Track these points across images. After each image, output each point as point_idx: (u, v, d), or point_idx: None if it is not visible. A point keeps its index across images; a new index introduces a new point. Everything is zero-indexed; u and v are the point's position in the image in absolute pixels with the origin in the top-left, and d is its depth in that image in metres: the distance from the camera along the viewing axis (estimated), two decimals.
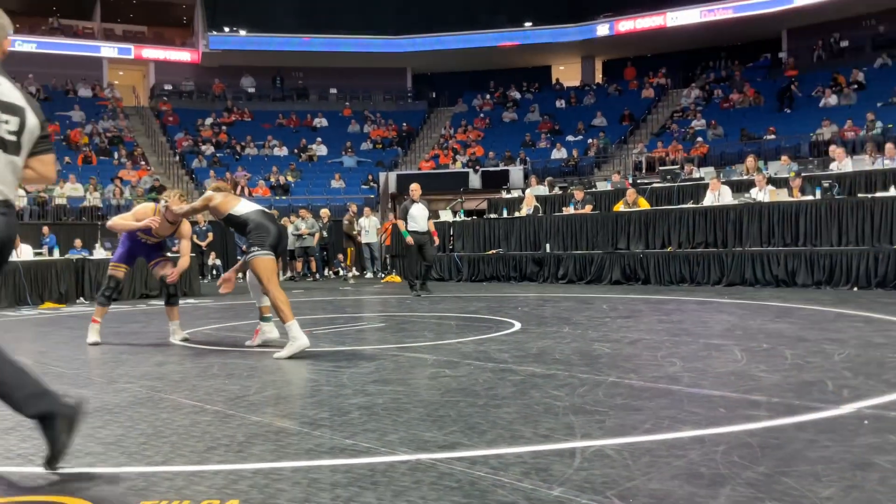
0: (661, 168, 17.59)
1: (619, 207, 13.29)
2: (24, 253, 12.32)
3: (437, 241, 11.79)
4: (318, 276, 17.21)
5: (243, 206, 5.79)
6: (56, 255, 13.27)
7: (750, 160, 14.39)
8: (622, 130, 25.26)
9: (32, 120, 2.76)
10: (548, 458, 2.73)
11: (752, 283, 10.86)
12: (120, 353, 5.92)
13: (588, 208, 13.75)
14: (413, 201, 11.14)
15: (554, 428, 3.16)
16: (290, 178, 23.33)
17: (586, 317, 7.53)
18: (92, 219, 17.75)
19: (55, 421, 2.61)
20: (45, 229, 15.50)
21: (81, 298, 12.01)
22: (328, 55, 30.09)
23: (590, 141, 24.28)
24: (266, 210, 5.96)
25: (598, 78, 31.19)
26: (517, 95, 29.37)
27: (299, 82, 30.88)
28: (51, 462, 2.63)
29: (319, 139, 26.72)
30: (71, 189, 18.85)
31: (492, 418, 3.36)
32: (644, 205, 13.11)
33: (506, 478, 2.51)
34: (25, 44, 27.99)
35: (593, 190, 15.66)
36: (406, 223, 10.99)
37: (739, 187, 12.65)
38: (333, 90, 30.40)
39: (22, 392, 2.62)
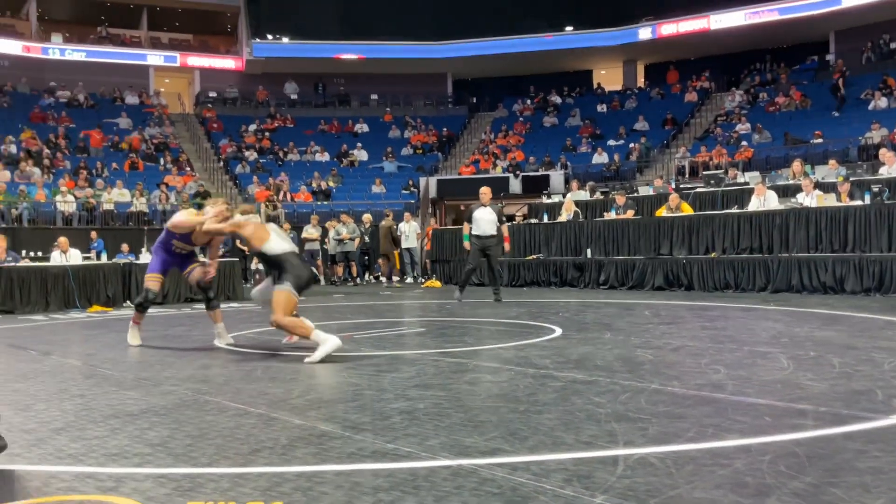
0: (704, 172, 17.35)
1: (662, 212, 13.14)
2: (73, 257, 12.62)
3: (507, 247, 11.17)
4: (358, 280, 17.32)
5: (276, 245, 5.79)
6: (104, 259, 13.56)
7: (796, 164, 14.12)
8: (665, 135, 24.99)
9: None
10: (590, 466, 2.72)
11: (798, 289, 10.65)
12: (165, 357, 6.03)
13: (630, 213, 13.63)
14: (481, 205, 10.85)
15: (596, 435, 3.14)
16: (331, 184, 23.54)
17: (628, 323, 7.46)
18: (138, 224, 18.11)
19: None
20: (94, 234, 15.86)
21: (128, 302, 12.24)
22: (369, 62, 30.35)
23: (631, 145, 24.07)
24: (296, 251, 6.04)
25: (641, 82, 30.91)
26: (558, 100, 29.25)
27: (341, 89, 31.17)
28: None
29: (360, 145, 26.92)
30: (118, 195, 19.26)
31: (533, 424, 3.35)
32: (687, 210, 12.95)
33: (547, 484, 2.51)
34: (75, 52, 28.74)
35: (635, 195, 15.51)
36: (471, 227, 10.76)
37: (785, 192, 12.43)
38: (374, 96, 30.63)
39: None
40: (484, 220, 10.74)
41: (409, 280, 17.31)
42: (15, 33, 28.83)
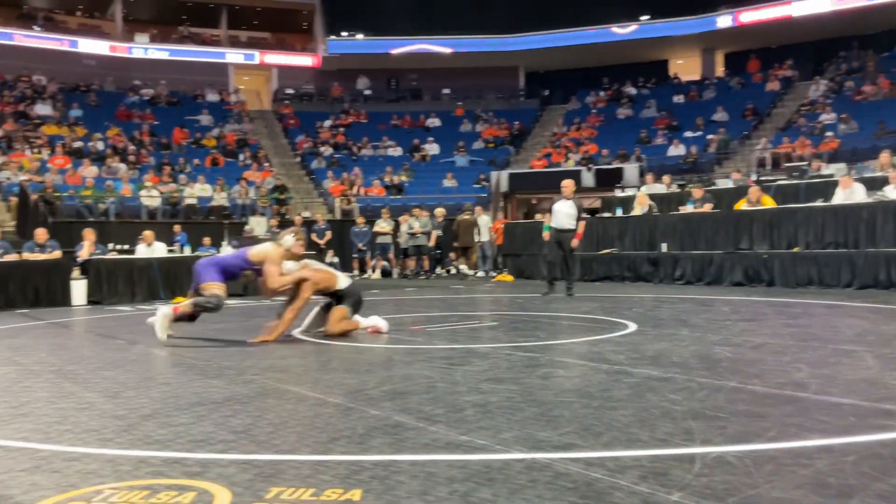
0: (787, 164, 16.80)
1: (742, 206, 12.80)
2: (158, 250, 13.10)
3: (575, 242, 10.67)
4: (430, 274, 17.44)
5: (343, 280, 6.79)
6: (187, 252, 14.03)
7: (884, 156, 13.52)
8: (745, 125, 24.28)
9: None
10: (666, 463, 2.69)
11: (885, 286, 10.22)
12: (246, 346, 6.22)
13: (707, 207, 13.31)
14: (563, 198, 10.71)
15: (672, 432, 3.10)
16: (403, 178, 23.75)
17: (706, 319, 7.31)
18: (219, 218, 18.65)
19: None
20: (177, 228, 16.41)
21: None
22: (441, 56, 30.49)
23: (710, 137, 23.48)
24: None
25: (719, 71, 30.10)
26: (633, 91, 28.75)
27: (413, 83, 31.41)
28: None
29: (432, 139, 27.07)
30: (200, 189, 19.88)
31: (607, 420, 3.33)
32: (768, 203, 12.57)
33: (623, 480, 2.50)
34: (159, 52, 29.77)
35: (713, 188, 15.15)
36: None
37: (872, 185, 11.93)
38: (446, 90, 30.74)
39: None
40: (561, 213, 10.65)
41: (481, 274, 17.34)
42: (102, 34, 30.05)
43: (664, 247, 13.16)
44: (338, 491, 2.46)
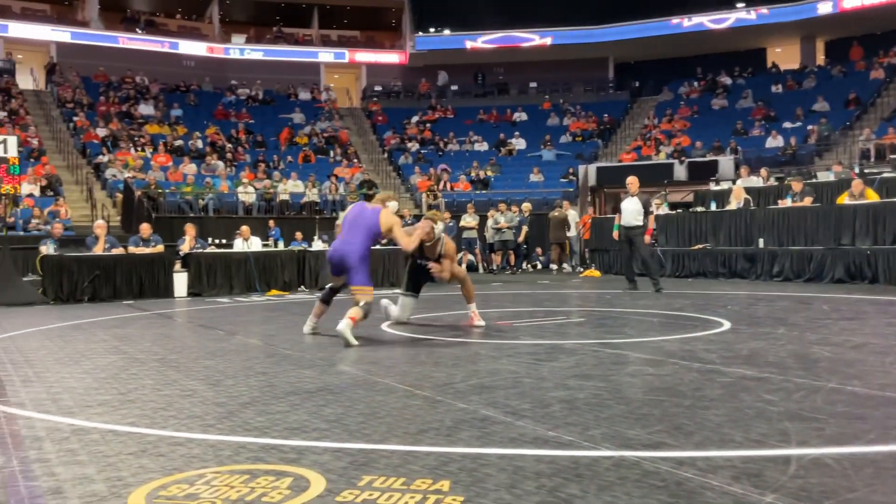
0: (891, 156, 15.97)
1: (844, 200, 12.25)
2: (253, 244, 13.55)
3: (646, 239, 10.84)
4: (516, 269, 17.41)
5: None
6: (280, 246, 14.46)
7: None
8: (847, 115, 23.18)
9: None
10: (760, 464, 2.63)
11: None
12: (339, 338, 6.37)
13: (807, 200, 12.81)
14: (629, 195, 10.77)
15: (767, 433, 3.03)
16: (489, 173, 23.76)
17: (804, 318, 7.06)
18: (311, 213, 19.13)
19: None
20: (271, 223, 16.93)
21: (302, 287, 13.02)
22: (528, 50, 30.31)
23: (809, 128, 22.52)
24: None
25: (820, 59, 28.82)
26: (728, 81, 27.86)
27: (500, 78, 31.35)
28: None
29: (518, 133, 26.96)
30: (293, 186, 20.44)
31: (699, 420, 3.28)
32: (873, 196, 11.99)
33: (714, 480, 2.46)
34: (254, 52, 30.72)
35: (813, 181, 14.55)
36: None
37: None
38: (533, 84, 30.54)
39: None
40: (628, 210, 10.72)
41: (567, 269, 17.20)
42: (200, 36, 31.23)
43: (761, 242, 12.73)
44: (427, 481, 2.52)
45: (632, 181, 10.94)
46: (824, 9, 26.42)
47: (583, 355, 5.14)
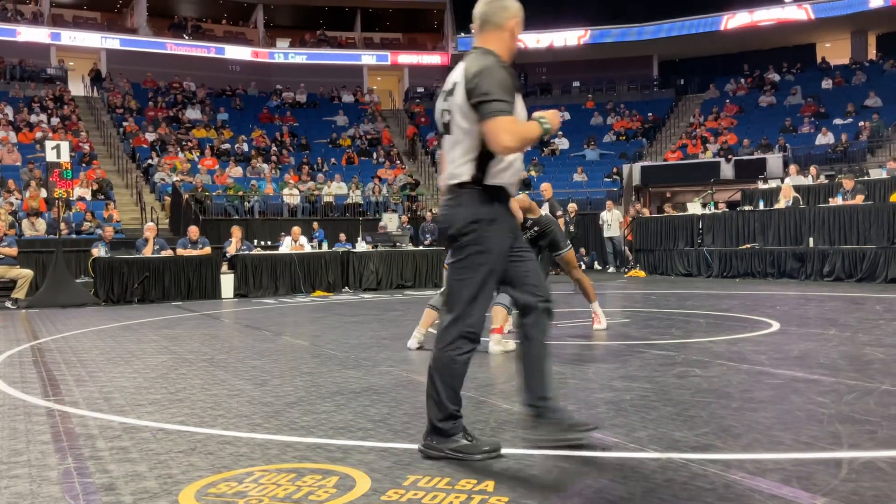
0: None
1: None
2: (303, 245, 13.67)
3: None
4: (560, 269, 17.28)
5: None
6: (324, 248, 14.60)
7: None
8: None
9: (458, 95, 2.79)
10: (810, 467, 2.58)
11: None
12: (383, 339, 6.42)
13: (859, 198, 12.50)
14: (544, 201, 10.81)
15: (817, 436, 2.96)
16: (532, 173, 23.66)
17: (856, 318, 6.89)
18: (354, 215, 19.28)
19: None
20: (315, 224, 17.10)
21: (346, 288, 13.12)
22: (572, 49, 30.13)
23: (861, 124, 21.96)
24: None
25: (872, 54, 28.08)
26: (776, 77, 27.31)
27: (542, 77, 31.20)
28: None
29: (561, 133, 26.79)
30: (336, 188, 20.62)
31: (747, 422, 3.22)
32: None
33: (763, 483, 2.42)
34: (298, 56, 31.09)
35: (865, 178, 14.18)
36: None
37: None
38: (576, 83, 30.33)
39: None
40: None
41: (612, 270, 17.04)
42: (245, 40, 31.71)
43: (811, 241, 12.46)
44: (472, 481, 2.52)
45: (545, 188, 11.12)
46: (876, 2, 25.75)
47: (628, 356, 5.09)
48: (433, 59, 32.17)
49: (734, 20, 28.10)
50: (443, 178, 2.88)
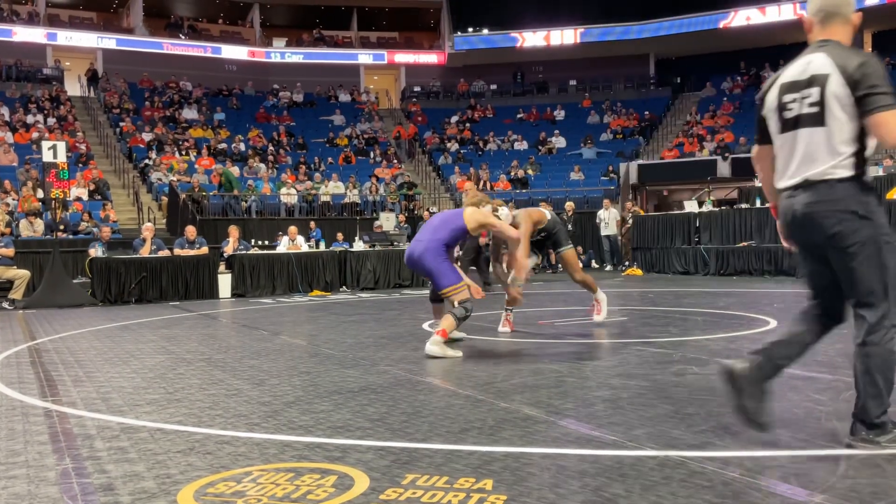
0: None
1: (894, 195, 11.95)
2: (300, 244, 13.69)
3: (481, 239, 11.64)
4: (558, 268, 17.30)
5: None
6: (322, 247, 14.59)
7: None
8: None
9: (834, 85, 2.67)
10: (808, 464, 2.59)
11: None
12: (380, 338, 6.42)
13: None
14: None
15: (815, 433, 2.97)
16: (529, 172, 23.67)
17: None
18: (351, 214, 19.27)
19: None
20: (312, 224, 17.08)
21: (344, 287, 13.13)
22: (568, 48, 30.14)
23: None
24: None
25: (867, 51, 28.13)
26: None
27: (539, 76, 31.22)
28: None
29: (558, 132, 26.82)
30: (333, 187, 20.61)
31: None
32: None
33: (762, 481, 2.42)
34: (294, 55, 31.06)
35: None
36: None
37: None
38: (572, 82, 30.35)
39: None
40: None
41: (609, 268, 17.06)
42: (241, 40, 31.68)
43: None
44: (470, 480, 2.52)
45: (467, 186, 11.35)
46: None
47: (626, 354, 5.09)
48: (430, 58, 32.16)
49: (730, 18, 28.10)
50: (791, 174, 2.79)
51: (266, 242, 15.57)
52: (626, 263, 16.55)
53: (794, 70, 2.82)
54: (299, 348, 6.04)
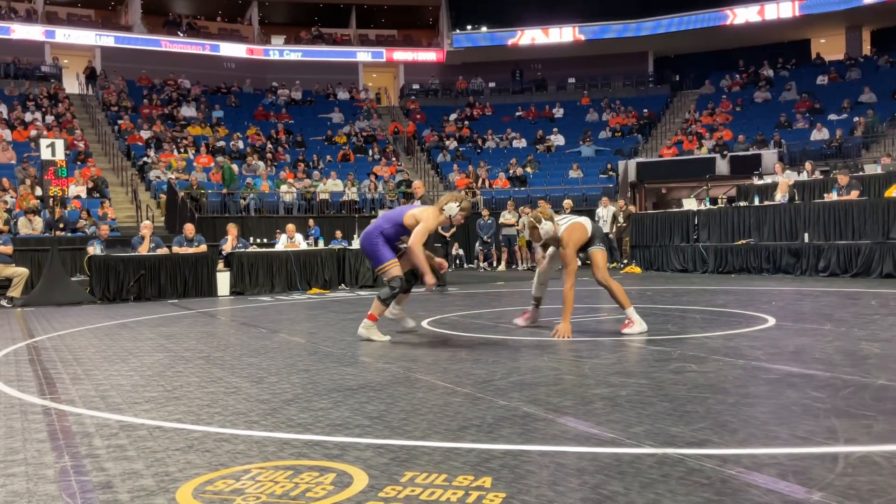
0: None
1: (892, 193, 11.96)
2: (298, 242, 13.68)
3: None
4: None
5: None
6: (320, 245, 14.59)
7: None
8: (894, 107, 22.62)
9: None
10: (806, 462, 2.59)
11: None
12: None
13: (854, 194, 12.53)
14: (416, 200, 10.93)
15: (813, 430, 2.97)
16: (528, 170, 23.67)
17: (852, 313, 6.91)
18: (350, 212, 19.26)
19: None
20: (311, 222, 17.08)
21: (342, 285, 13.12)
22: (567, 45, 30.14)
23: (856, 119, 22.02)
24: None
25: (866, 50, 28.15)
26: (770, 73, 27.38)
27: (537, 74, 31.22)
28: None
29: (557, 130, 26.83)
30: (332, 185, 20.60)
31: (743, 417, 3.23)
32: None
33: (760, 478, 2.42)
34: (293, 53, 31.05)
35: (860, 174, 14.23)
36: None
37: None
38: (571, 80, 30.35)
39: None
40: None
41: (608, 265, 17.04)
42: (240, 38, 31.66)
43: (806, 237, 12.49)
44: (469, 478, 2.52)
45: (417, 185, 11.31)
46: None
47: (624, 352, 5.10)
48: (428, 55, 32.16)
49: (729, 16, 28.10)
50: None
51: (264, 240, 15.56)
52: (625, 262, 16.55)
53: None
54: (298, 346, 6.03)
